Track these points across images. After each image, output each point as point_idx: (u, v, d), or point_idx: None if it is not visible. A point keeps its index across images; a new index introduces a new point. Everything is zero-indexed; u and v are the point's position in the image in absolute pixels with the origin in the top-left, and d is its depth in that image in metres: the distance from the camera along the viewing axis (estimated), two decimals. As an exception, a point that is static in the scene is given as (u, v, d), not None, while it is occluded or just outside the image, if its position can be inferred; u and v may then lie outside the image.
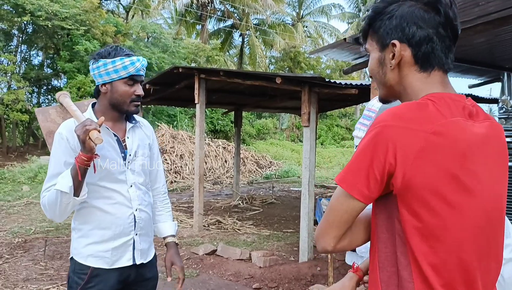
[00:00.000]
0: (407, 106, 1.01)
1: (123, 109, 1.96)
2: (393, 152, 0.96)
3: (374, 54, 1.15)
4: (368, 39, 1.17)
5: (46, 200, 1.82)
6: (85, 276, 1.91)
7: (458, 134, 0.98)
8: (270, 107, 11.57)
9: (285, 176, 16.13)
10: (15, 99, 14.46)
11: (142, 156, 2.06)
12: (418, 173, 0.95)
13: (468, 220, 0.99)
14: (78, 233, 1.96)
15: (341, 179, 1.03)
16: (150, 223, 2.11)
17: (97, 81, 1.94)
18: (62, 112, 2.17)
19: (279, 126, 28.59)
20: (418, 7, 1.06)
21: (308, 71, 28.21)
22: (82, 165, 1.71)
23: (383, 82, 1.15)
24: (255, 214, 8.92)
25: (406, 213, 0.99)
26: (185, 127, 18.46)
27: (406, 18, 1.06)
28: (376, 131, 0.98)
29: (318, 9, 32.28)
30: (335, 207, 1.06)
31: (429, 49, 1.06)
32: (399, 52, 1.08)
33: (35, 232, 6.87)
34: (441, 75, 1.08)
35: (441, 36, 1.06)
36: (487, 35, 4.49)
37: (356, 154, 1.02)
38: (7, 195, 10.12)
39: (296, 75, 6.41)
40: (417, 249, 0.99)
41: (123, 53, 1.91)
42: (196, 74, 7.04)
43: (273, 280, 4.94)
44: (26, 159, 14.73)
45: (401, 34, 1.07)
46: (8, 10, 15.07)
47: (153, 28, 20.45)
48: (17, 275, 4.93)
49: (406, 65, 1.09)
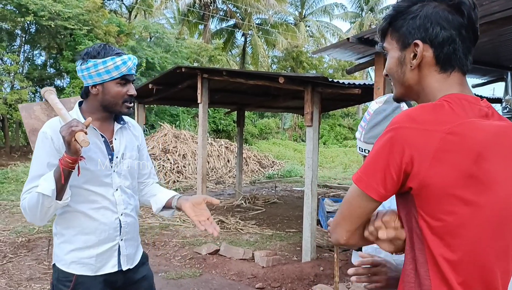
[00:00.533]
0: (422, 108, 1.02)
1: (115, 111, 1.88)
2: (409, 153, 0.96)
3: (394, 53, 1.14)
4: (387, 37, 1.17)
5: (26, 202, 1.72)
6: (69, 283, 1.82)
7: (473, 134, 0.98)
8: (272, 106, 11.56)
9: (287, 176, 16.12)
10: (18, 99, 14.49)
11: (130, 158, 1.97)
12: (435, 173, 0.96)
13: (485, 218, 1.00)
14: (60, 238, 1.87)
15: (358, 178, 1.04)
16: (135, 227, 2.02)
17: (86, 82, 1.84)
18: (47, 109, 2.09)
19: (282, 126, 28.58)
20: (442, 8, 1.06)
21: (311, 70, 28.18)
22: (66, 167, 1.62)
23: (401, 82, 1.15)
24: (258, 213, 8.92)
25: (423, 212, 1.00)
26: (187, 127, 18.47)
27: (430, 19, 1.06)
28: (391, 133, 0.99)
29: (321, 9, 32.26)
30: (350, 202, 1.07)
31: (451, 50, 1.06)
32: (422, 52, 1.07)
33: (39, 231, 6.88)
34: (460, 76, 1.09)
35: (463, 38, 1.06)
36: (491, 34, 4.48)
37: (372, 155, 1.03)
38: (11, 195, 10.15)
39: (299, 74, 6.41)
40: (434, 247, 1.00)
41: (113, 52, 1.81)
42: (199, 74, 7.05)
43: (276, 280, 4.94)
44: (29, 158, 14.75)
45: (424, 34, 1.07)
46: (12, 10, 15.10)
47: (155, 28, 20.47)
48: (20, 274, 4.95)
49: (426, 65, 1.09)
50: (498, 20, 3.75)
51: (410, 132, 0.97)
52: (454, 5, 1.05)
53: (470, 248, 0.99)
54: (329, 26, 31.92)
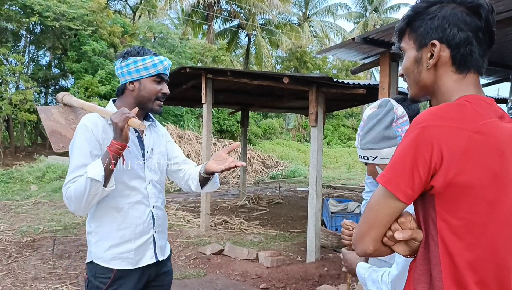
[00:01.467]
0: (447, 106, 1.03)
1: (147, 107, 1.97)
2: (438, 151, 0.96)
3: (411, 53, 1.16)
4: (404, 38, 1.18)
5: (72, 191, 1.77)
6: (107, 279, 1.88)
7: (497, 134, 1.00)
8: (277, 107, 11.56)
9: (291, 176, 16.11)
10: (23, 99, 14.56)
11: (159, 154, 2.08)
12: (462, 171, 0.96)
13: (504, 217, 1.01)
14: (95, 236, 1.93)
15: (386, 180, 1.02)
16: (165, 220, 2.12)
17: (124, 79, 1.94)
18: (64, 112, 2.19)
19: (285, 126, 28.56)
20: (460, 10, 1.07)
21: (314, 71, 28.16)
22: (116, 153, 1.72)
23: (417, 81, 1.16)
24: (262, 214, 8.92)
25: (444, 211, 1.00)
26: (191, 127, 18.50)
27: (448, 20, 1.08)
28: (417, 131, 0.99)
29: (325, 9, 32.21)
30: (375, 208, 1.05)
31: (467, 52, 1.08)
32: (438, 52, 1.09)
33: (44, 231, 6.91)
34: (475, 78, 1.10)
35: (479, 40, 1.08)
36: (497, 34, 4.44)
37: (397, 156, 1.02)
38: (16, 195, 10.20)
39: (303, 75, 6.40)
40: (453, 247, 1.00)
41: (151, 52, 1.95)
42: (203, 74, 7.05)
43: (280, 280, 4.93)
44: (34, 158, 14.83)
45: (441, 34, 1.08)
46: (17, 11, 15.19)
47: (159, 29, 20.52)
48: (26, 274, 4.96)
49: (443, 65, 1.10)
50: (504, 20, 3.73)
51: (439, 130, 0.97)
52: (473, 7, 1.07)
53: (489, 247, 1.00)
54: (333, 26, 31.86)
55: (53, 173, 12.22)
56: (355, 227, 1.65)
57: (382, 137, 1.57)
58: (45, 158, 14.23)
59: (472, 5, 1.07)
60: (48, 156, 14.54)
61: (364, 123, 1.64)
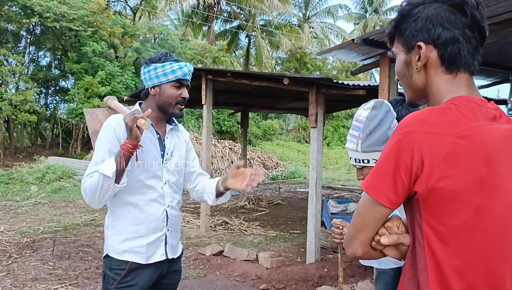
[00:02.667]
0: (430, 111, 1.02)
1: (168, 111, 2.07)
2: (419, 156, 0.96)
3: (401, 57, 1.16)
4: (394, 42, 1.18)
5: (88, 185, 1.89)
6: (122, 271, 1.98)
7: (483, 137, 0.98)
8: (277, 108, 11.56)
9: (291, 177, 16.11)
10: (23, 100, 14.57)
11: (179, 157, 2.17)
12: (444, 176, 0.95)
13: (492, 222, 0.99)
14: (111, 230, 2.04)
15: (368, 186, 1.02)
16: (179, 220, 2.21)
17: (147, 84, 2.06)
18: (108, 114, 2.33)
19: (285, 127, 28.55)
20: (444, 9, 1.06)
21: (314, 72, 28.16)
22: (127, 152, 1.81)
23: (410, 84, 1.15)
24: (262, 215, 8.92)
25: (429, 216, 0.99)
26: (191, 128, 18.51)
27: (431, 20, 1.06)
28: (399, 136, 0.98)
29: (325, 10, 32.23)
30: (362, 212, 1.06)
31: (455, 50, 1.06)
32: (425, 53, 1.08)
33: (43, 232, 6.91)
34: (467, 77, 1.09)
35: (467, 38, 1.06)
36: (497, 36, 4.46)
37: (380, 161, 1.02)
38: (16, 195, 10.20)
39: (303, 76, 6.40)
40: (439, 253, 0.98)
41: (172, 59, 2.04)
42: (203, 75, 7.06)
43: (280, 281, 4.93)
44: (34, 159, 14.82)
45: (426, 35, 1.07)
46: (17, 11, 15.19)
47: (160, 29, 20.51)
48: (25, 274, 4.96)
49: (432, 66, 1.09)
50: (504, 21, 3.74)
51: (420, 136, 0.96)
52: (456, 4, 1.05)
53: (477, 252, 0.98)
54: (333, 28, 31.88)
55: (53, 173, 12.22)
56: (345, 226, 1.64)
57: (386, 138, 1.56)
58: (45, 159, 14.22)
59: (455, 2, 1.06)
60: (48, 157, 14.54)
61: (363, 125, 1.61)
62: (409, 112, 2.52)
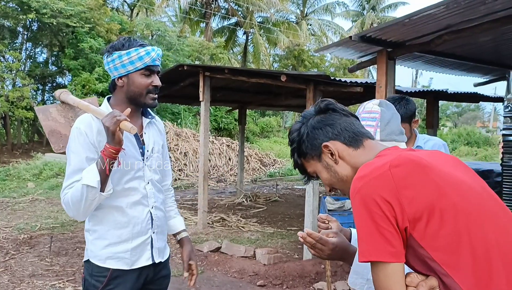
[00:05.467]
0: (361, 168, 1.13)
1: (140, 102, 1.89)
2: (382, 200, 1.01)
3: (319, 167, 1.29)
4: (306, 167, 1.33)
5: (69, 197, 1.74)
6: (103, 278, 1.85)
7: (411, 157, 1.08)
8: (274, 105, 11.56)
9: (288, 174, 16.12)
10: (20, 96, 14.52)
11: (158, 152, 2.02)
12: (411, 200, 1.01)
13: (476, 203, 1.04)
14: (93, 234, 1.89)
15: (367, 255, 1.03)
16: (165, 221, 2.07)
17: (112, 74, 1.87)
18: (63, 110, 2.11)
19: (283, 124, 28.57)
20: (317, 116, 1.29)
21: (312, 69, 28.15)
22: (110, 157, 1.67)
23: (342, 180, 1.26)
24: (259, 212, 8.94)
25: (429, 243, 1.00)
26: (189, 125, 18.50)
27: (316, 127, 1.27)
28: (358, 197, 1.05)
29: (322, 7, 32.24)
30: (383, 286, 1.03)
31: (349, 133, 1.25)
32: (334, 146, 1.24)
33: (41, 228, 6.91)
34: (371, 142, 1.27)
35: (348, 121, 1.27)
36: (494, 33, 4.47)
37: (359, 228, 1.05)
38: (13, 192, 10.18)
39: (301, 73, 6.41)
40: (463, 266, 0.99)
41: (137, 43, 1.84)
42: (201, 72, 7.05)
43: (277, 278, 4.95)
44: (31, 156, 14.80)
45: (322, 137, 1.26)
46: (14, 7, 15.12)
47: (157, 26, 20.48)
48: (23, 271, 4.97)
49: (344, 152, 1.25)
50: (501, 19, 3.75)
51: (369, 186, 1.04)
52: (323, 109, 1.29)
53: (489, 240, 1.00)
54: (330, 25, 31.87)
55: (50, 170, 12.20)
56: (331, 221, 1.64)
57: (401, 131, 1.61)
58: (42, 155, 14.20)
59: (321, 108, 1.29)
60: (45, 154, 14.51)
61: (379, 115, 1.59)
62: (406, 111, 2.54)
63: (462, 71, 6.91)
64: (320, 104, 1.31)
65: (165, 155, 2.13)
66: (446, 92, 7.76)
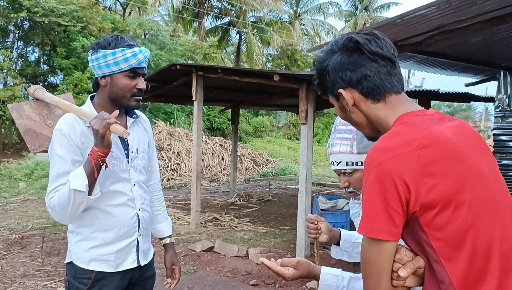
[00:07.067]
0: (385, 137, 1.07)
1: (123, 104, 1.82)
2: (400, 181, 0.98)
3: (336, 104, 1.26)
4: (327, 95, 1.29)
5: (55, 201, 1.68)
6: (87, 280, 1.81)
7: (441, 139, 1.02)
8: (267, 104, 11.57)
9: (281, 174, 16.14)
10: (11, 95, 14.40)
11: (143, 152, 1.96)
12: (431, 188, 0.98)
13: (488, 206, 1.02)
14: (77, 236, 1.84)
15: (368, 230, 1.02)
16: (150, 222, 2.04)
17: (96, 73, 1.80)
18: (37, 108, 2.04)
19: (276, 124, 28.58)
20: (343, 55, 1.17)
21: (305, 69, 28.17)
22: (98, 161, 1.62)
23: (355, 123, 1.24)
24: (252, 211, 8.94)
25: (433, 230, 1.01)
26: (182, 125, 18.44)
27: (337, 68, 1.18)
28: (374, 171, 1.01)
29: (315, 7, 32.29)
30: (371, 260, 1.04)
31: (370, 84, 1.15)
32: (348, 96, 1.18)
33: (32, 228, 6.86)
34: (396, 97, 1.16)
35: (374, 69, 1.15)
36: (484, 33, 4.51)
37: (367, 202, 1.03)
38: (4, 192, 10.10)
39: (294, 72, 6.42)
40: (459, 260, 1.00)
41: (125, 43, 1.76)
42: (194, 71, 7.04)
43: (270, 277, 4.96)
44: (22, 155, 14.68)
45: (341, 82, 1.18)
46: (5, 6, 14.99)
47: (150, 25, 20.39)
48: (14, 271, 4.93)
49: (361, 103, 1.18)
50: (491, 19, 3.78)
51: (391, 162, 0.99)
52: (351, 48, 1.17)
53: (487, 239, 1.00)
54: (323, 25, 31.92)
55: (41, 170, 12.11)
56: (320, 221, 1.66)
57: None
58: (33, 155, 14.07)
59: (350, 46, 1.17)
60: (36, 153, 14.39)
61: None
62: None
63: (453, 71, 6.97)
64: (348, 41, 1.18)
65: (151, 154, 2.09)
66: (437, 92, 7.81)
